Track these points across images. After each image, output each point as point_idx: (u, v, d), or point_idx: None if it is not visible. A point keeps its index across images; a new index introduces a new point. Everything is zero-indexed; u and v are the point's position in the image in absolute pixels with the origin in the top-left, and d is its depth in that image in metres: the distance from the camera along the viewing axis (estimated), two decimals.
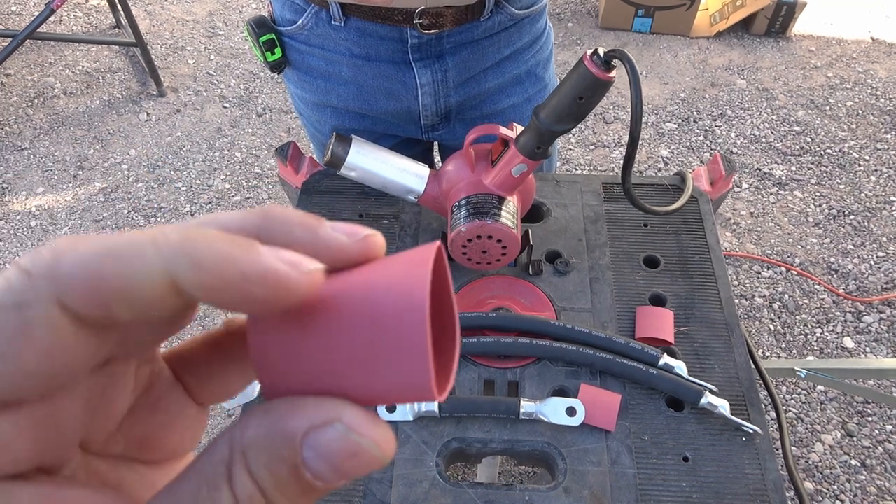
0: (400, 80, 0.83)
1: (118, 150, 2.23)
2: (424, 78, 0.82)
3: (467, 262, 0.72)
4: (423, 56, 0.80)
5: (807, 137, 2.26)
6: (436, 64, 0.81)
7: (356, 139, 0.73)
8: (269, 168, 2.18)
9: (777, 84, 2.46)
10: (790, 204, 2.06)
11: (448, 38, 0.79)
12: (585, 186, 0.85)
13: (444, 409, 0.63)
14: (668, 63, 2.56)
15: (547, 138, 0.63)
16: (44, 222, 2.02)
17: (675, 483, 0.60)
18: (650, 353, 0.66)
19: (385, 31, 0.77)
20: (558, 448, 0.62)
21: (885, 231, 1.98)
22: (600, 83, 0.57)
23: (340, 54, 0.81)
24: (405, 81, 0.83)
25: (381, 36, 0.77)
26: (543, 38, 0.89)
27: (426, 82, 0.83)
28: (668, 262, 0.77)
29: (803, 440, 1.55)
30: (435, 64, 0.81)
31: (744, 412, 0.65)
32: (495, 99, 0.89)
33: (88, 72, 2.51)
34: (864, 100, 2.39)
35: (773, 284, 1.86)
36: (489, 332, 0.70)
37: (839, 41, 2.65)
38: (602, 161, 2.19)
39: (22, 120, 2.32)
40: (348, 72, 0.83)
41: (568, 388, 0.66)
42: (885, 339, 1.72)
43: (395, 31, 0.77)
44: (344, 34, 0.78)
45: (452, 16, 0.76)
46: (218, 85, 2.48)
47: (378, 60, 0.81)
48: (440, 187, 0.73)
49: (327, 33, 0.79)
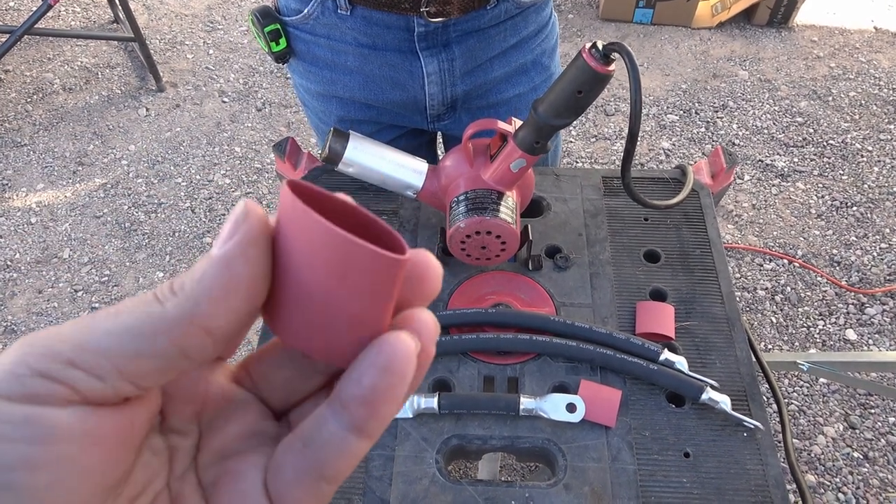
0: (406, 70, 0.82)
1: (118, 145, 2.23)
2: (431, 67, 0.82)
3: (466, 257, 0.72)
4: (429, 45, 0.80)
5: (809, 128, 2.25)
6: (442, 53, 0.81)
7: (354, 135, 0.73)
8: (268, 163, 2.18)
9: (779, 75, 2.45)
10: (792, 195, 2.05)
11: (455, 27, 0.78)
12: (585, 180, 0.84)
13: (443, 406, 0.63)
14: (670, 54, 2.54)
15: (546, 133, 0.62)
16: (44, 218, 2.02)
17: (676, 479, 0.60)
18: (651, 349, 0.65)
19: (391, 20, 0.76)
20: (558, 444, 0.62)
21: (888, 222, 1.97)
22: (599, 77, 0.57)
23: (346, 44, 0.80)
24: (411, 71, 0.82)
25: (387, 25, 0.77)
26: (549, 27, 0.89)
27: (433, 71, 0.82)
28: (668, 257, 0.76)
29: (805, 433, 1.55)
30: (441, 53, 0.81)
31: (745, 407, 0.64)
32: (501, 88, 0.89)
33: (87, 67, 2.50)
34: (867, 90, 2.38)
35: (776, 276, 1.85)
36: (489, 328, 0.70)
37: (842, 31, 2.63)
38: (603, 154, 2.18)
39: (21, 116, 2.31)
40: (354, 61, 0.82)
41: (568, 384, 0.66)
42: (887, 331, 1.72)
43: (402, 20, 0.76)
44: (350, 23, 0.77)
45: (459, 3, 0.75)
46: (217, 80, 2.47)
47: (384, 49, 0.80)
48: (439, 182, 0.73)
49: (333, 22, 0.78)
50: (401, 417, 0.64)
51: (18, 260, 1.92)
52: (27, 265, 1.91)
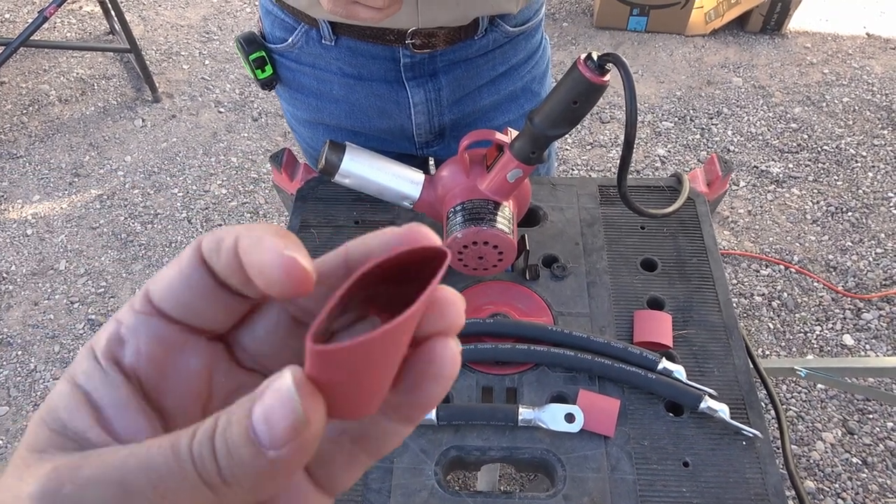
0: (392, 100, 0.81)
1: (114, 156, 2.23)
2: (417, 97, 0.81)
3: (463, 268, 0.72)
4: (415, 75, 0.79)
5: (803, 134, 2.26)
6: (429, 83, 0.80)
7: (350, 146, 0.73)
8: (265, 173, 2.18)
9: (773, 81, 2.46)
10: (788, 201, 2.06)
11: (441, 57, 0.77)
12: (581, 189, 0.85)
13: (441, 418, 0.63)
14: (664, 62, 2.56)
15: (542, 143, 0.63)
16: (40, 230, 2.01)
17: (676, 489, 0.60)
18: (649, 358, 0.65)
19: (377, 51, 0.76)
20: (557, 455, 0.62)
21: (883, 227, 1.97)
22: (594, 87, 0.57)
23: (332, 73, 0.80)
24: (398, 100, 0.81)
25: (372, 55, 0.76)
26: (539, 53, 0.88)
27: (419, 101, 0.81)
28: (665, 265, 0.77)
29: (804, 439, 1.55)
30: (428, 83, 0.80)
31: (744, 416, 0.64)
32: (491, 116, 0.88)
33: (83, 78, 2.50)
34: (861, 96, 2.39)
35: (772, 282, 1.85)
36: (486, 338, 0.70)
37: (835, 37, 2.65)
38: (599, 161, 2.19)
39: (17, 128, 2.31)
40: (340, 90, 0.81)
41: (566, 394, 0.66)
42: (884, 336, 1.72)
43: (387, 51, 0.75)
44: (335, 53, 0.77)
45: (445, 36, 0.75)
46: (213, 90, 2.48)
47: (370, 79, 0.79)
48: (435, 193, 0.73)
49: (318, 52, 0.78)
50: None
51: (14, 272, 1.91)
52: (23, 277, 1.90)
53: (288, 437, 0.16)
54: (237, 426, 0.16)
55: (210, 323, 0.21)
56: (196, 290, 0.20)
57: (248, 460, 0.16)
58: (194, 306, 0.20)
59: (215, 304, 0.21)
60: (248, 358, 0.23)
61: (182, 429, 0.19)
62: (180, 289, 0.20)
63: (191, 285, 0.20)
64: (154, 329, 0.20)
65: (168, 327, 0.21)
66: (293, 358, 0.22)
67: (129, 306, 0.21)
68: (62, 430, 0.19)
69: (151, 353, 0.20)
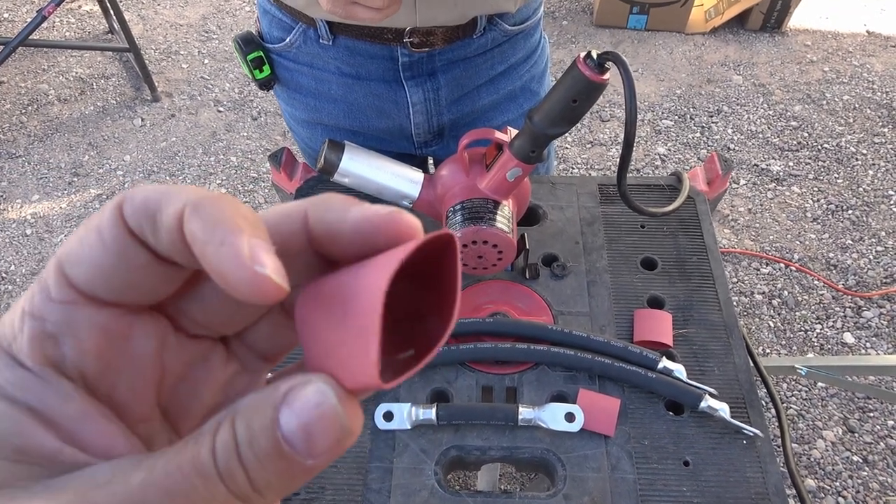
0: (391, 99, 0.81)
1: (113, 156, 2.23)
2: (416, 97, 0.81)
3: (463, 267, 0.72)
4: (414, 74, 0.78)
5: (804, 132, 2.26)
6: (427, 82, 0.80)
7: (349, 145, 0.73)
8: (264, 172, 2.18)
9: (773, 79, 2.46)
10: (788, 199, 2.06)
11: (440, 56, 0.77)
12: (581, 188, 0.84)
13: (441, 418, 0.63)
14: (664, 60, 2.55)
15: (541, 142, 0.62)
16: (39, 230, 2.01)
17: (676, 488, 0.60)
18: (649, 357, 0.65)
19: (375, 50, 0.75)
20: (557, 454, 0.62)
21: (883, 225, 1.97)
22: (594, 86, 0.57)
23: (329, 73, 0.79)
24: (396, 100, 0.81)
25: (370, 55, 0.76)
26: (538, 52, 0.88)
27: (418, 101, 0.81)
28: (665, 264, 0.76)
29: (805, 437, 1.55)
30: (427, 82, 0.80)
31: (744, 415, 0.64)
32: (489, 115, 0.88)
33: (82, 78, 2.50)
34: (861, 94, 2.39)
35: (773, 281, 1.85)
36: (486, 337, 0.70)
37: (835, 35, 2.65)
38: (599, 159, 2.19)
39: (16, 127, 2.31)
40: (338, 90, 0.81)
41: (566, 394, 0.66)
42: (885, 334, 1.72)
43: (385, 50, 0.75)
44: (333, 53, 0.77)
45: (443, 34, 0.74)
46: (212, 89, 2.47)
47: (368, 79, 0.79)
48: (435, 192, 0.73)
49: (316, 52, 0.77)
50: (399, 429, 0.63)
51: (13, 272, 1.91)
52: (22, 277, 1.90)
53: (331, 448, 0.16)
54: (264, 439, 0.16)
55: (149, 297, 0.18)
56: (130, 267, 0.17)
57: (283, 468, 0.16)
58: (130, 283, 0.17)
59: (153, 278, 0.18)
60: (194, 325, 0.20)
61: (169, 432, 0.20)
62: (110, 268, 0.17)
63: (122, 262, 0.17)
64: (92, 319, 0.18)
65: (106, 314, 0.18)
66: (250, 318, 0.21)
67: (44, 295, 0.17)
68: (18, 458, 0.16)
69: (96, 347, 0.18)
